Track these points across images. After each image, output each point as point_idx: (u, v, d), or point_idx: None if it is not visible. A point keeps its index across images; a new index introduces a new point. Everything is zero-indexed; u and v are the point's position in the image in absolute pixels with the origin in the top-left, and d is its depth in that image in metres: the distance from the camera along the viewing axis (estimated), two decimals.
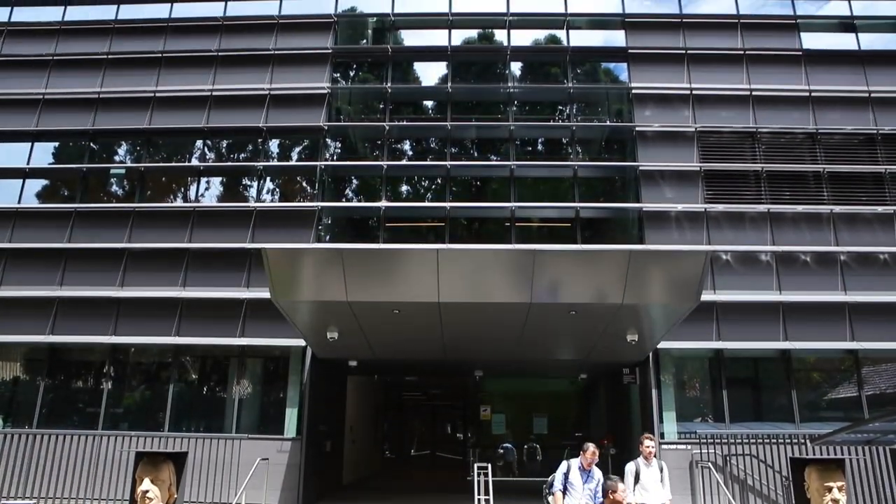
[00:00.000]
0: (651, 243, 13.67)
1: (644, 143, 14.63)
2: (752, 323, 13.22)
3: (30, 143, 15.56)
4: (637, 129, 14.71)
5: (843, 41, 15.66)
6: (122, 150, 15.68)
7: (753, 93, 14.97)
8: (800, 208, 13.98)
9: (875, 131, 14.62)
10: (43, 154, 15.62)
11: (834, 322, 13.23)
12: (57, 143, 15.77)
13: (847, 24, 15.77)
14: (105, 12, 16.74)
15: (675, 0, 16.05)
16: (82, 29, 16.58)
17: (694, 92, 14.96)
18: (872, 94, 14.91)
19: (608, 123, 15.47)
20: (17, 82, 16.01)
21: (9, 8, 16.98)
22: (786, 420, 12.92)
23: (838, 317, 13.26)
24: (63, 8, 16.91)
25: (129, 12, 16.74)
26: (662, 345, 12.61)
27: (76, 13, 16.88)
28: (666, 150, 14.53)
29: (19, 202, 14.95)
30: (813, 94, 14.94)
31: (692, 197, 14.13)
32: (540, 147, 15.63)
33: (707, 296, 12.43)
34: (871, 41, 15.63)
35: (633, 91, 15.05)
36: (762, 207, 13.97)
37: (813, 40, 15.57)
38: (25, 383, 14.06)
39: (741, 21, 15.67)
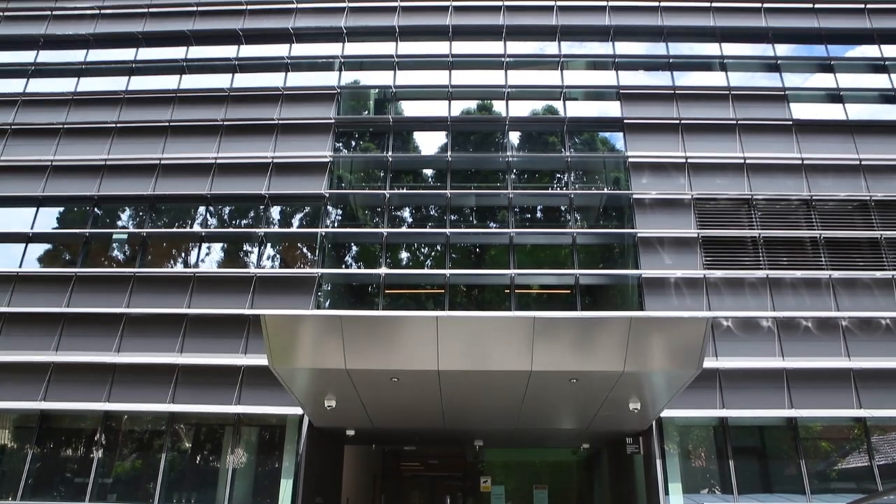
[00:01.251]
0: (651, 310, 13.64)
1: (642, 210, 14.83)
2: (756, 390, 13.02)
3: (35, 208, 15.76)
4: (634, 196, 14.94)
5: (831, 111, 16.11)
6: (125, 216, 15.85)
7: (747, 161, 15.28)
8: (798, 274, 14.02)
9: (868, 197, 14.85)
10: (47, 219, 15.79)
11: (840, 389, 13.02)
12: (61, 209, 15.95)
13: (834, 96, 16.27)
14: (116, 83, 17.30)
15: (668, 73, 16.63)
16: (93, 99, 17.09)
17: (689, 160, 15.28)
18: (863, 162, 15.23)
19: (606, 191, 15.71)
20: (27, 149, 16.38)
21: (25, 79, 17.56)
22: (796, 491, 12.53)
23: (844, 383, 13.07)
24: (76, 79, 17.49)
25: (139, 83, 17.30)
26: (666, 413, 12.38)
27: (88, 84, 17.44)
28: (663, 217, 14.71)
29: (20, 266, 14.99)
30: (805, 161, 15.26)
31: (691, 263, 14.19)
32: (539, 214, 15.81)
33: (709, 362, 12.32)
34: (859, 111, 16.09)
35: (630, 159, 15.38)
36: (761, 273, 14.01)
37: (802, 110, 16.01)
38: (12, 452, 13.69)
39: (732, 93, 16.16)
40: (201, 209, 15.59)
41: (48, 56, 18.04)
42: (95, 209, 15.73)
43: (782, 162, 15.30)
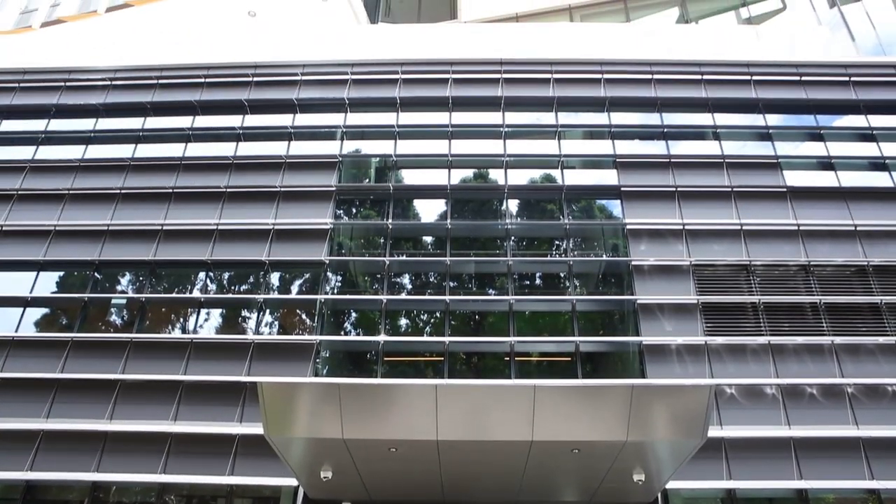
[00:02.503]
0: (653, 377, 13.47)
1: (641, 276, 14.87)
2: (763, 460, 12.68)
3: (35, 273, 15.80)
4: (633, 263, 15.01)
5: (824, 178, 16.39)
6: (125, 280, 15.87)
7: (744, 227, 15.44)
8: (800, 339, 13.91)
9: (866, 263, 14.91)
10: (47, 283, 15.80)
11: (850, 458, 12.68)
12: (62, 273, 15.99)
13: (825, 163, 16.60)
14: (123, 151, 17.70)
15: (663, 142, 17.03)
16: (100, 166, 17.44)
17: (686, 227, 15.43)
18: (858, 228, 15.38)
19: (604, 258, 15.79)
20: (32, 214, 16.60)
21: (35, 146, 17.96)
22: None
23: (854, 452, 12.74)
24: (84, 147, 17.89)
25: (145, 151, 17.70)
26: (671, 484, 12.01)
27: (96, 151, 17.84)
28: (663, 283, 14.74)
29: (16, 331, 14.89)
30: (801, 227, 15.41)
31: (692, 329, 14.11)
32: (538, 281, 15.84)
33: (714, 431, 12.05)
34: (851, 178, 16.35)
35: (628, 226, 15.54)
36: (763, 339, 13.91)
37: (796, 178, 16.30)
38: None
39: (726, 161, 16.50)
40: (201, 274, 15.63)
41: (58, 125, 18.53)
42: (96, 273, 15.77)
43: (778, 228, 15.45)
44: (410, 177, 17.10)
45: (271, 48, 19.58)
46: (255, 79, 18.64)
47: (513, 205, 16.61)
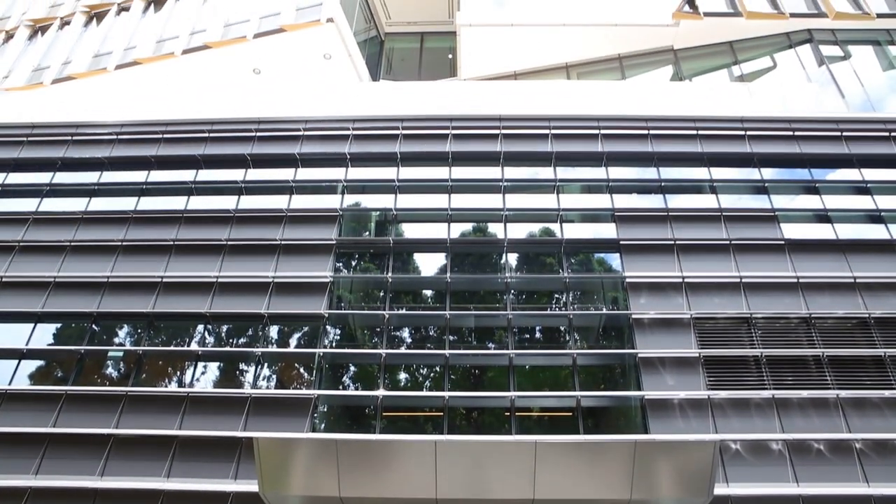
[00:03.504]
0: (656, 433, 13.23)
1: (641, 329, 14.80)
2: None
3: (33, 324, 15.72)
4: (633, 316, 14.96)
5: (821, 231, 16.51)
6: (122, 332, 15.78)
7: (743, 279, 15.46)
8: (805, 393, 13.73)
9: (867, 315, 14.85)
10: (43, 335, 15.70)
11: None
12: (59, 324, 15.92)
13: (822, 216, 16.75)
14: (126, 203, 17.90)
15: (661, 196, 17.23)
16: (102, 218, 17.61)
17: (686, 279, 15.46)
18: (857, 280, 15.38)
19: (604, 311, 15.74)
20: (33, 265, 16.65)
21: (39, 198, 18.17)
22: None
23: None
24: (88, 199, 18.11)
25: (147, 203, 17.89)
26: None
27: (99, 204, 18.04)
28: (664, 336, 14.66)
29: (10, 384, 14.71)
30: (801, 279, 15.42)
31: (694, 383, 13.95)
32: (538, 334, 15.75)
33: (720, 489, 11.76)
34: (848, 230, 16.46)
35: (627, 280, 15.56)
36: (766, 393, 13.73)
37: (793, 230, 16.42)
38: None
39: (724, 214, 16.66)
40: (199, 327, 15.55)
41: (64, 177, 18.82)
42: (93, 325, 15.70)
43: (778, 280, 15.47)
44: (410, 230, 17.24)
45: (275, 104, 20.07)
46: (259, 134, 19.03)
47: (512, 258, 16.67)
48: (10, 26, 31.12)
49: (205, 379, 14.81)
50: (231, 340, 15.46)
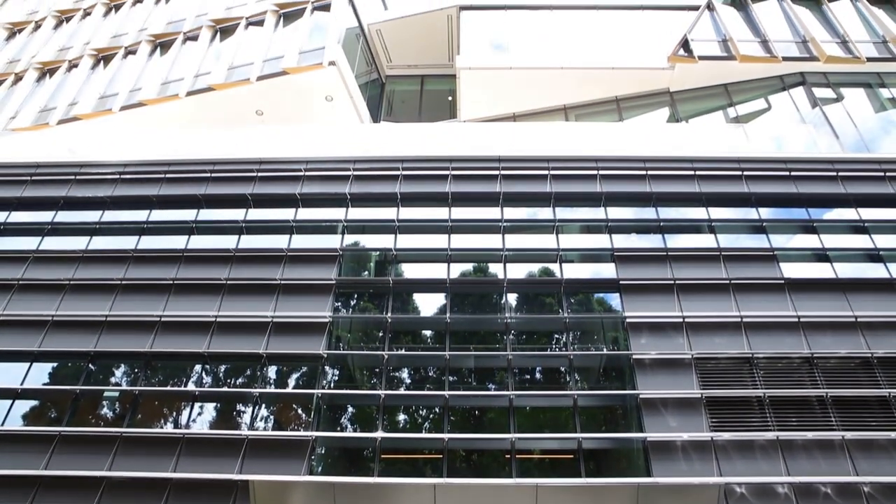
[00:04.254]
0: (659, 475, 12.97)
1: (642, 370, 14.67)
2: None
3: (29, 364, 15.59)
4: (634, 356, 14.84)
5: (820, 270, 16.50)
6: (119, 372, 15.64)
7: (744, 319, 15.39)
8: (810, 435, 13.53)
9: (870, 354, 14.73)
10: (39, 374, 15.54)
11: None
12: (55, 364, 15.78)
13: (821, 255, 16.78)
14: (126, 242, 17.94)
15: (660, 236, 17.29)
16: (102, 257, 17.63)
17: (686, 320, 15.39)
18: (859, 319, 15.31)
19: (605, 352, 15.62)
20: (31, 304, 16.59)
21: (41, 237, 18.24)
22: None
23: None
24: (89, 238, 18.17)
25: (148, 242, 17.95)
26: None
27: (100, 242, 18.10)
28: (665, 377, 14.51)
29: (3, 424, 14.51)
30: (802, 319, 15.35)
31: (697, 425, 13.75)
32: (538, 375, 15.60)
33: None
34: (847, 270, 16.47)
35: (628, 320, 15.49)
36: (770, 435, 13.53)
37: (792, 269, 16.43)
38: None
39: (723, 253, 16.69)
40: (197, 367, 15.42)
41: (65, 216, 18.91)
42: (90, 365, 15.56)
43: (779, 320, 15.40)
44: (410, 270, 17.24)
45: (276, 144, 20.33)
46: (260, 174, 19.20)
47: (512, 298, 16.63)
48: (19, 69, 31.74)
49: (201, 420, 14.61)
50: (228, 381, 15.31)
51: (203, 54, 27.01)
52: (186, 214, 18.49)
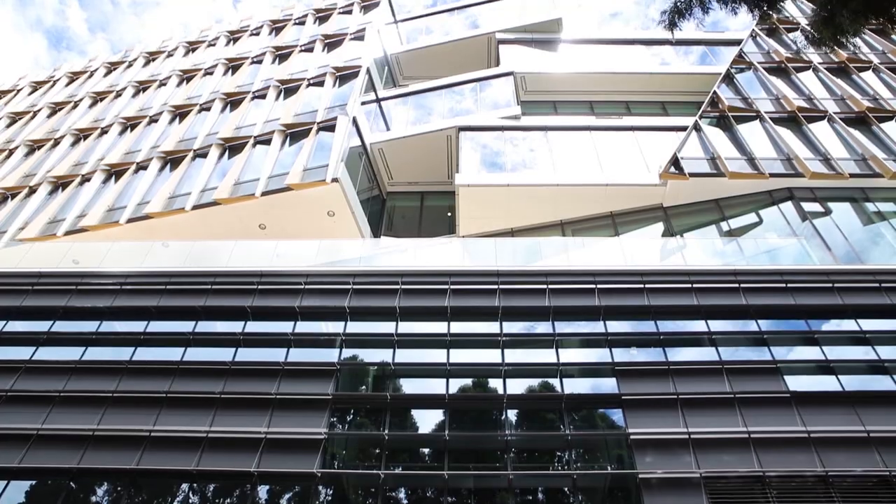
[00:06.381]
0: None
1: (649, 490, 13.98)
2: None
3: (6, 483, 14.82)
4: (640, 476, 14.20)
5: (826, 382, 16.15)
6: (101, 491, 14.90)
7: (752, 435, 14.88)
8: None
9: (887, 473, 14.08)
10: (16, 493, 14.77)
11: None
12: (34, 482, 15.05)
13: (825, 367, 16.51)
14: (121, 353, 17.72)
15: (660, 349, 17.14)
16: (95, 368, 17.33)
17: (692, 436, 14.88)
18: (871, 434, 14.78)
19: (610, 471, 14.96)
20: (18, 417, 16.07)
21: (35, 347, 18.03)
22: None
23: None
24: (84, 348, 17.96)
25: (143, 354, 17.71)
26: None
27: (95, 353, 17.85)
28: (674, 497, 13.81)
29: None
30: (812, 434, 14.83)
31: None
32: (540, 496, 14.86)
33: None
34: (853, 382, 16.15)
35: (632, 437, 14.98)
36: None
37: (797, 382, 16.11)
38: None
39: (725, 367, 16.44)
40: (184, 486, 14.72)
41: (63, 326, 18.81)
42: (71, 483, 14.85)
43: (788, 436, 14.88)
44: (408, 386, 16.90)
45: (278, 258, 20.63)
46: (260, 286, 19.33)
47: (512, 414, 16.19)
48: (34, 182, 32.91)
49: None
50: (217, 501, 14.57)
51: (211, 170, 28.11)
52: (184, 326, 18.41)
